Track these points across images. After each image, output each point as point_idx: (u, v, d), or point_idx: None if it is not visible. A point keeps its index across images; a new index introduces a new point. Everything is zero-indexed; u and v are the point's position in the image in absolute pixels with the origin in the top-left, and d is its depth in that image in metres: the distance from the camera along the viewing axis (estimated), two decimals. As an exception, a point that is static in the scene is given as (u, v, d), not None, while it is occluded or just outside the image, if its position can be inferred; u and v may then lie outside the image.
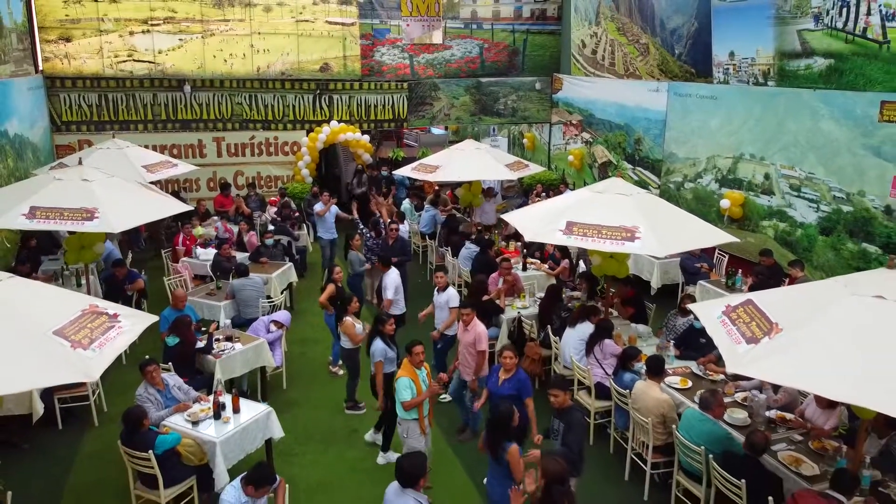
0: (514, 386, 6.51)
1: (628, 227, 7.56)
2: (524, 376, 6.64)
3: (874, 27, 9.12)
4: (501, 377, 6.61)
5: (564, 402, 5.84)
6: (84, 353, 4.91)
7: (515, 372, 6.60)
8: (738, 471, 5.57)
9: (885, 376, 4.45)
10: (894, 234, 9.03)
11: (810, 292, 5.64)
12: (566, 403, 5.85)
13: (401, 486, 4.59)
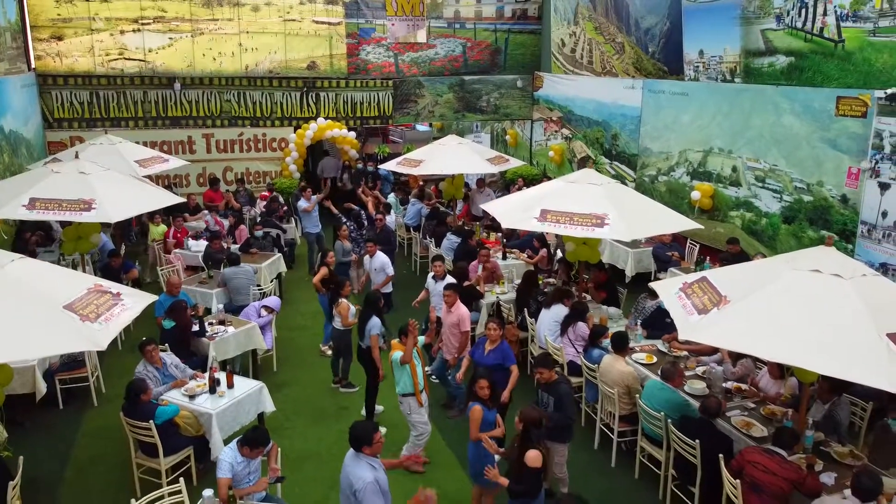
0: (499, 355, 7.03)
1: (598, 214, 8.09)
2: (507, 346, 7.17)
3: (830, 27, 9.68)
4: (487, 347, 7.14)
5: (550, 378, 6.33)
6: (92, 325, 5.35)
7: (500, 343, 7.12)
8: (693, 433, 6.09)
9: (818, 340, 4.99)
10: (849, 222, 9.60)
11: (758, 268, 6.20)
12: (552, 378, 6.34)
13: (354, 452, 4.98)
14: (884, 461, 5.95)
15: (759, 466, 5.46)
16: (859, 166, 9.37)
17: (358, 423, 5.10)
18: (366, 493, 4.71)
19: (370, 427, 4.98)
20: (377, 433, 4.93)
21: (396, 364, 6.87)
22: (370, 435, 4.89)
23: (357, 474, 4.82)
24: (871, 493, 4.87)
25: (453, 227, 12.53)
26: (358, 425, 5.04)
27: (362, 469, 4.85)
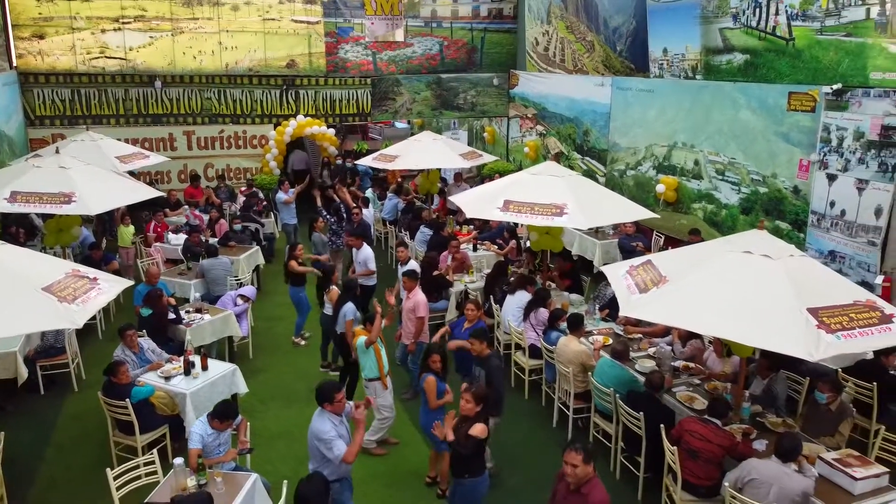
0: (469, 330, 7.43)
1: (558, 204, 8.51)
2: (483, 324, 7.60)
3: (781, 26, 10.14)
4: (465, 325, 7.62)
5: (483, 351, 6.71)
6: (70, 306, 5.69)
7: (476, 322, 7.58)
8: (638, 406, 6.50)
9: (745, 315, 5.42)
10: (801, 212, 10.05)
11: (697, 251, 6.64)
12: (485, 352, 6.72)
13: (320, 409, 5.43)
14: (814, 430, 6.40)
15: (695, 435, 5.88)
16: (809, 159, 9.83)
17: (324, 382, 5.55)
18: (333, 442, 5.22)
19: (334, 386, 5.39)
20: (339, 393, 5.34)
21: (361, 349, 7.23)
22: (332, 394, 5.32)
23: (321, 427, 5.30)
24: (790, 454, 5.30)
25: (427, 221, 12.89)
26: (323, 384, 5.48)
27: (325, 423, 5.31)
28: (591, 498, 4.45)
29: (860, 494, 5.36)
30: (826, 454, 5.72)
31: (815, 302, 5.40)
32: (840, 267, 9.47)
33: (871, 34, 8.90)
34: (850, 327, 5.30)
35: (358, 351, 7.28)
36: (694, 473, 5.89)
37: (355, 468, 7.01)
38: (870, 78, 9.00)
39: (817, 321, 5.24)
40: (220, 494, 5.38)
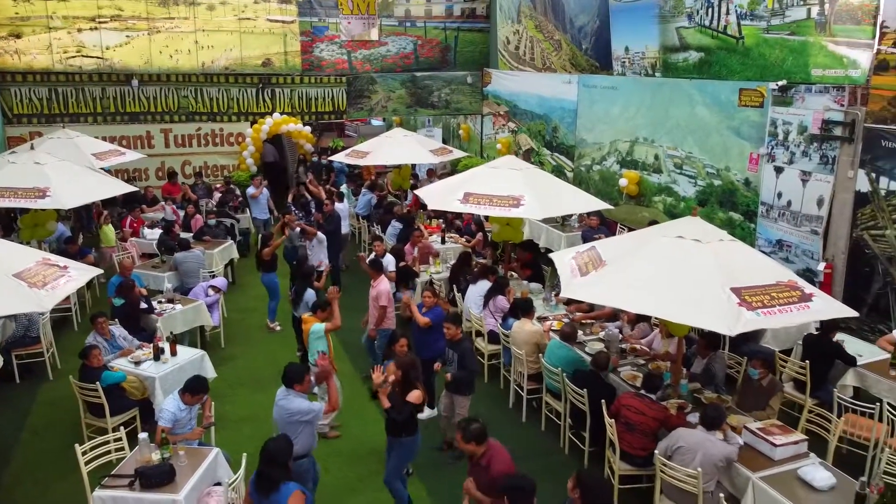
0: (433, 316, 7.83)
1: (515, 195, 8.91)
2: (440, 309, 8.01)
3: (732, 25, 10.59)
4: (423, 310, 8.01)
5: (456, 335, 7.12)
6: (39, 291, 6.02)
7: (433, 307, 7.98)
8: (582, 384, 6.90)
9: (674, 294, 5.82)
10: (752, 203, 10.51)
11: (636, 237, 7.05)
12: (458, 336, 7.12)
13: (286, 389, 5.77)
14: (747, 405, 6.82)
15: (632, 409, 6.29)
16: (758, 152, 10.28)
17: (294, 364, 5.93)
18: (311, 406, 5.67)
19: (303, 368, 5.76)
20: (308, 374, 5.70)
21: (316, 335, 7.55)
22: (302, 375, 5.69)
23: (297, 405, 5.66)
24: (714, 422, 5.72)
25: (398, 215, 13.25)
26: (292, 366, 5.87)
27: (300, 401, 5.69)
28: (492, 470, 4.79)
29: (780, 460, 5.77)
30: (751, 424, 6.13)
31: (739, 282, 5.80)
32: (787, 255, 9.94)
33: (812, 33, 9.36)
34: (770, 305, 5.70)
35: (311, 336, 7.59)
36: (631, 445, 6.29)
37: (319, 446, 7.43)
38: (811, 75, 9.46)
39: (739, 299, 5.64)
40: (183, 467, 5.72)
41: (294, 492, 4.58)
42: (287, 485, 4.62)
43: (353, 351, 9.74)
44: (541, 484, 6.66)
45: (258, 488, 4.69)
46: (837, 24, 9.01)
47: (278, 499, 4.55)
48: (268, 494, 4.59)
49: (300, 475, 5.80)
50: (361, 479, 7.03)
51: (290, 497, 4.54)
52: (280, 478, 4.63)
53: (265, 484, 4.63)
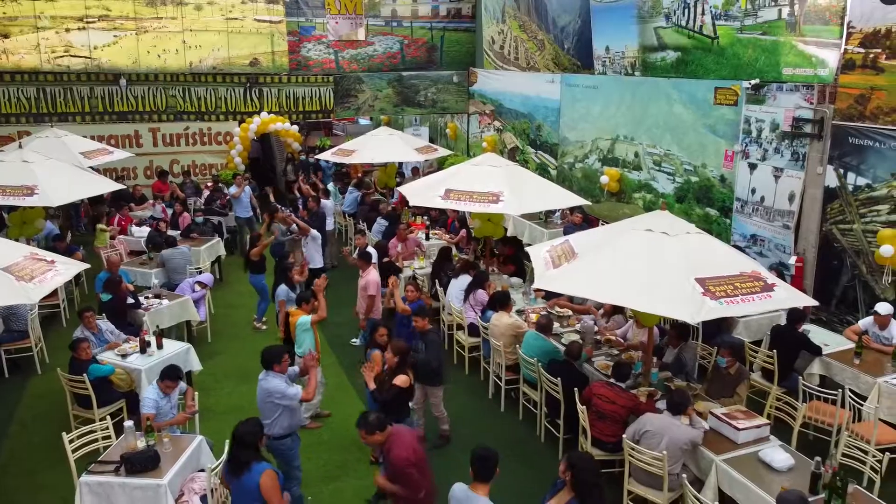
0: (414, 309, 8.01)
1: (494, 192, 9.12)
2: (422, 302, 8.27)
3: (707, 25, 10.85)
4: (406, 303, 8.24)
5: (424, 327, 7.32)
6: (27, 284, 6.19)
7: (417, 300, 8.22)
8: (556, 373, 7.12)
9: (641, 285, 6.04)
10: (727, 199, 10.77)
11: (608, 230, 7.27)
12: (426, 327, 7.33)
13: (266, 371, 5.96)
14: (715, 392, 7.07)
15: (603, 398, 6.51)
16: (733, 149, 10.54)
17: (271, 347, 6.11)
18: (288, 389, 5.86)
19: (281, 350, 5.96)
20: (286, 355, 5.91)
21: (303, 328, 7.75)
22: (280, 356, 5.91)
23: (274, 385, 5.86)
24: (679, 407, 5.95)
25: (384, 213, 13.45)
26: (271, 348, 6.05)
27: (277, 382, 5.89)
28: (391, 455, 4.98)
29: (742, 443, 6.01)
30: (717, 409, 6.37)
31: (704, 273, 6.02)
32: (761, 250, 10.21)
33: (783, 33, 9.62)
34: (733, 294, 5.93)
35: (298, 329, 7.79)
36: (602, 432, 6.53)
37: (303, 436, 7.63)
38: (782, 73, 9.72)
39: (703, 289, 5.86)
40: (167, 453, 5.91)
41: (266, 470, 4.76)
42: (259, 464, 4.79)
43: (337, 344, 9.95)
44: (518, 470, 6.98)
45: (230, 470, 4.86)
46: (807, 24, 9.28)
47: (250, 478, 4.72)
48: (240, 475, 4.76)
49: (283, 454, 6.01)
50: (341, 466, 7.23)
51: (262, 475, 4.71)
52: (250, 458, 4.79)
53: (237, 465, 4.79)
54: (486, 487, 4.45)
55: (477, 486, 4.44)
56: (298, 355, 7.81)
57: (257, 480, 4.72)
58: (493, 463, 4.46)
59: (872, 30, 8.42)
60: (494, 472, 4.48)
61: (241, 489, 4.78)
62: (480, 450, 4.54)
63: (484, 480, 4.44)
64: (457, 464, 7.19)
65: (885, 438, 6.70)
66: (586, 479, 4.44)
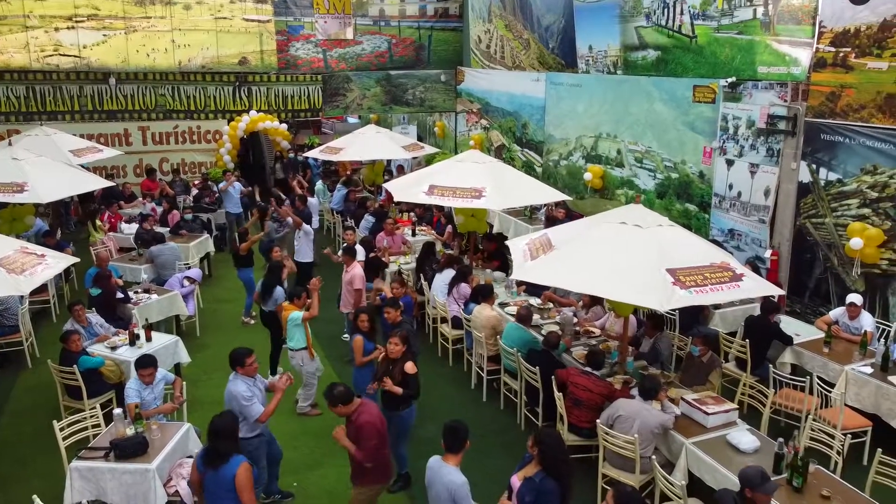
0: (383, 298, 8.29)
1: (477, 187, 9.33)
2: (408, 297, 8.54)
3: (686, 24, 11.10)
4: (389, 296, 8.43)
5: (396, 318, 7.52)
6: (18, 276, 6.36)
7: (403, 296, 8.45)
8: (536, 362, 7.34)
9: (614, 274, 6.26)
10: (706, 194, 11.02)
11: (584, 223, 7.50)
12: (398, 319, 7.53)
13: (234, 373, 6.08)
14: (689, 380, 7.29)
15: (579, 386, 6.73)
16: (711, 146, 10.79)
17: (236, 349, 6.18)
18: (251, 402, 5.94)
19: (245, 352, 6.07)
20: (250, 357, 6.05)
21: (294, 322, 7.93)
22: (243, 358, 6.01)
23: (238, 389, 5.97)
24: (650, 392, 6.17)
25: (371, 210, 13.65)
26: (235, 350, 6.13)
27: (240, 385, 5.99)
28: (360, 420, 5.26)
29: (711, 427, 6.24)
30: (688, 395, 6.60)
31: (675, 263, 6.24)
32: (738, 244, 10.46)
33: (758, 32, 9.88)
34: (703, 284, 6.15)
35: (290, 323, 7.97)
36: (579, 418, 6.74)
37: (289, 424, 7.85)
38: (758, 72, 9.98)
39: (674, 279, 6.08)
40: (155, 440, 6.09)
41: (242, 463, 4.86)
42: (236, 457, 4.88)
43: (323, 338, 10.12)
44: (500, 456, 7.19)
45: (207, 462, 4.89)
46: (780, 24, 9.53)
47: (227, 470, 4.79)
48: (217, 467, 4.83)
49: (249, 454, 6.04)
50: (327, 454, 7.42)
51: (239, 468, 4.81)
52: (229, 450, 4.88)
53: (214, 457, 4.85)
54: (457, 458, 4.69)
55: (448, 457, 4.69)
56: (290, 349, 8.00)
57: (234, 472, 4.78)
58: (461, 435, 4.69)
59: (842, 29, 8.68)
60: (464, 445, 4.72)
61: (217, 480, 4.83)
62: (450, 423, 4.79)
63: (454, 452, 4.69)
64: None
65: (852, 423, 6.96)
66: (552, 454, 4.67)
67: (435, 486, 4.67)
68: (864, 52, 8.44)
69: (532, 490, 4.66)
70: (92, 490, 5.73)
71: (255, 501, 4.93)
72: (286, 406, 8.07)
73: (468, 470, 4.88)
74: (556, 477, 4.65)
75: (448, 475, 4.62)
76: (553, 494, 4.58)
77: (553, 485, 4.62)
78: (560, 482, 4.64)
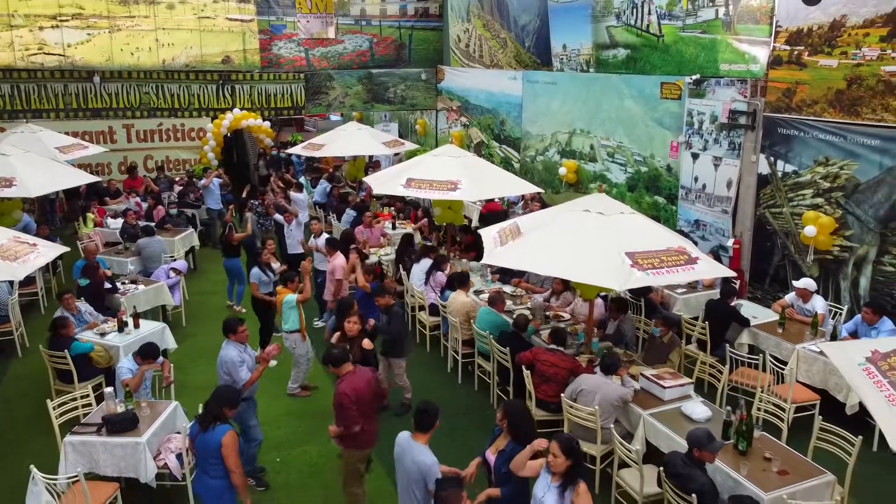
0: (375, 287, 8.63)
1: (453, 180, 9.73)
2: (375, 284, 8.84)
3: (653, 24, 11.56)
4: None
5: (388, 303, 7.92)
6: (12, 263, 6.69)
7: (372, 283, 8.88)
8: (506, 343, 7.76)
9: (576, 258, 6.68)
10: (673, 187, 11.49)
11: (551, 211, 7.92)
12: (389, 303, 7.93)
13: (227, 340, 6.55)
14: (651, 359, 7.73)
15: (546, 363, 7.15)
16: (678, 140, 11.26)
17: (229, 318, 6.68)
18: (239, 368, 6.36)
19: (237, 321, 6.51)
20: (241, 325, 6.47)
21: (289, 305, 8.30)
22: (235, 326, 6.46)
23: (229, 354, 6.46)
24: (610, 368, 6.61)
25: (352, 204, 14.03)
26: (228, 319, 6.62)
27: (231, 350, 6.48)
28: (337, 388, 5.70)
29: (668, 400, 6.68)
30: (646, 371, 7.04)
31: (634, 248, 6.67)
32: (703, 234, 10.93)
33: (720, 32, 10.36)
34: (659, 266, 6.58)
35: (284, 306, 8.34)
36: (546, 393, 7.16)
37: (272, 407, 8.20)
38: (720, 69, 10.45)
39: (632, 262, 6.51)
40: (145, 416, 6.44)
41: (228, 431, 5.25)
42: (223, 425, 5.28)
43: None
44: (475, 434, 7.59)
45: (200, 421, 5.32)
46: (740, 23, 10.01)
47: (213, 436, 5.20)
48: (206, 429, 5.25)
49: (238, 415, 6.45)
50: (308, 432, 7.80)
51: (225, 434, 5.21)
52: (220, 415, 5.28)
53: (207, 418, 5.26)
54: (426, 437, 5.01)
55: (418, 436, 5.00)
56: (285, 331, 8.37)
57: (219, 439, 5.18)
58: (431, 416, 5.03)
59: (796, 29, 9.16)
60: (433, 425, 5.04)
61: (204, 445, 5.23)
62: (421, 404, 5.13)
63: (423, 431, 5.01)
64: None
65: (801, 397, 7.43)
66: (520, 424, 5.06)
67: (404, 461, 4.98)
68: (816, 51, 8.93)
69: (505, 461, 5.00)
70: (85, 463, 6.06)
71: (240, 466, 5.30)
72: (273, 390, 8.47)
73: (444, 446, 5.25)
74: (525, 444, 5.04)
75: (419, 454, 4.92)
76: (525, 460, 4.98)
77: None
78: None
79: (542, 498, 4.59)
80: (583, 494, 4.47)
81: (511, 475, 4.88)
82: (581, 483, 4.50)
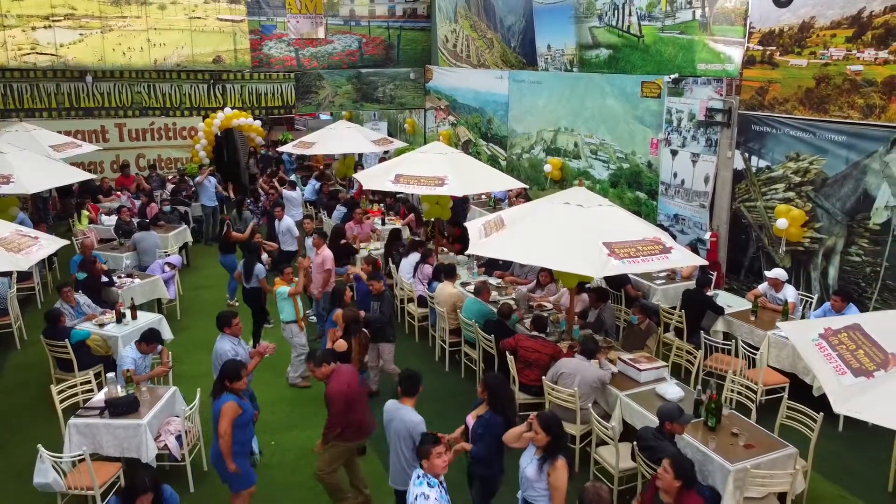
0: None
1: (440, 176, 10.06)
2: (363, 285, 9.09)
3: (634, 25, 11.94)
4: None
5: (380, 289, 8.25)
6: (15, 255, 6.96)
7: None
8: (491, 330, 8.10)
9: (557, 248, 7.03)
10: (653, 183, 11.87)
11: (533, 205, 8.29)
12: (381, 289, 8.26)
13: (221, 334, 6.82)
14: (629, 346, 8.10)
15: (529, 350, 7.50)
16: (658, 138, 11.65)
17: (223, 311, 6.95)
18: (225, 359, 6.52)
19: (231, 314, 6.79)
20: (235, 318, 6.75)
21: (282, 297, 8.60)
22: (230, 319, 6.72)
23: (223, 347, 6.74)
24: (591, 353, 6.96)
25: (343, 201, 14.34)
26: (223, 312, 6.87)
27: (225, 343, 6.75)
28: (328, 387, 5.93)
29: (644, 382, 7.05)
30: (624, 356, 7.41)
31: (612, 238, 7.03)
32: (682, 228, 11.32)
33: (697, 32, 10.75)
34: (635, 255, 6.94)
35: (279, 297, 8.63)
36: (529, 377, 7.51)
37: (267, 393, 8.49)
38: (697, 69, 10.84)
39: (609, 251, 6.87)
40: (145, 400, 6.73)
41: (230, 401, 5.59)
42: (226, 395, 5.64)
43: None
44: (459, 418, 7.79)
45: (212, 392, 5.72)
46: (716, 24, 10.41)
47: (217, 404, 5.57)
48: (214, 397, 5.64)
49: None
50: (302, 417, 8.12)
51: (225, 405, 5.56)
52: (224, 389, 5.64)
53: (216, 388, 5.65)
54: (412, 401, 5.40)
55: (405, 400, 5.40)
56: (282, 321, 8.67)
57: (220, 407, 5.55)
58: (415, 381, 5.42)
59: (769, 30, 9.56)
60: (417, 390, 5.44)
61: (213, 412, 5.64)
62: (405, 371, 5.54)
63: (409, 395, 5.40)
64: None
65: (772, 380, 7.83)
66: (499, 395, 5.42)
67: (394, 422, 5.38)
68: (786, 51, 9.33)
69: (483, 424, 5.39)
70: (88, 444, 6.35)
71: (229, 432, 5.55)
72: (269, 378, 8.77)
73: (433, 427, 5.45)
74: (502, 413, 5.40)
75: (407, 414, 5.32)
76: (499, 426, 5.33)
77: (499, 419, 5.37)
78: (505, 417, 5.40)
79: (524, 468, 4.96)
80: (559, 469, 4.81)
81: (484, 436, 5.30)
82: (560, 458, 4.84)
